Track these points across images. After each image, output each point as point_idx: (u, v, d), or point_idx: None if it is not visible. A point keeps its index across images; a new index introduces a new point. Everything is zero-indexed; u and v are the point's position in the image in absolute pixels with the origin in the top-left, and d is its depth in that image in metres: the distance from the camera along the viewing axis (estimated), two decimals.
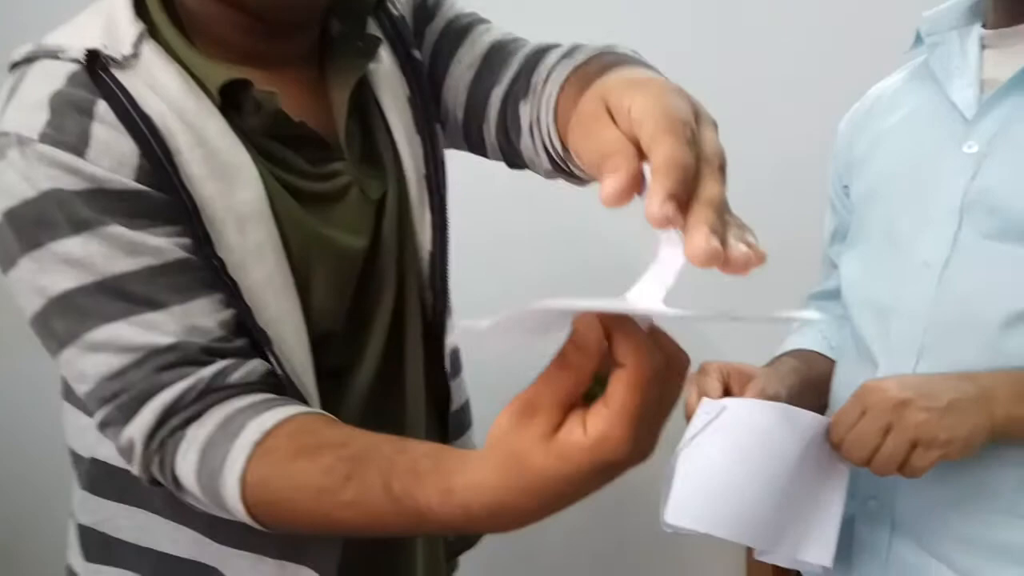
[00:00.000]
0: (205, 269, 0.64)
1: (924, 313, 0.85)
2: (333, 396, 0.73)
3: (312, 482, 0.57)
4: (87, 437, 0.73)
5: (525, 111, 0.74)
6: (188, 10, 0.68)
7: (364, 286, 0.75)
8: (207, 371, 0.62)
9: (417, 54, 0.80)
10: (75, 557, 0.78)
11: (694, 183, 0.40)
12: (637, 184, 0.40)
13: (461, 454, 0.51)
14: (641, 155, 0.41)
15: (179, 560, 0.72)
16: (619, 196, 0.39)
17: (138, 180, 0.62)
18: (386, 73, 0.77)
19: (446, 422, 0.85)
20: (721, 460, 0.81)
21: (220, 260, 0.64)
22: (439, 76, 0.81)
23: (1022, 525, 0.82)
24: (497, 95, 0.77)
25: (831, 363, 1.01)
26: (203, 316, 0.63)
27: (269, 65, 0.70)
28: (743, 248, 0.38)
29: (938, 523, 0.86)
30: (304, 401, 0.68)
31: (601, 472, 0.44)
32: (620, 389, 0.42)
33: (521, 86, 0.75)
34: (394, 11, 0.79)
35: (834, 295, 1.04)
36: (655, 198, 0.38)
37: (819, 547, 0.81)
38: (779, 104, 1.52)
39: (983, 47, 0.89)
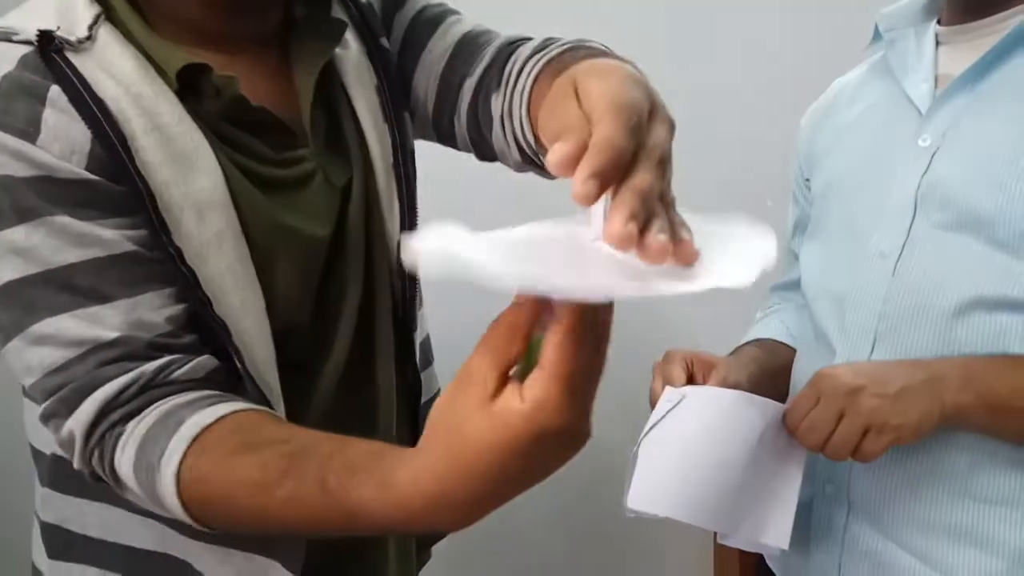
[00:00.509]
0: (156, 262, 0.63)
1: (879, 302, 0.87)
2: (302, 389, 0.72)
3: (249, 478, 0.55)
4: (47, 432, 0.71)
5: (496, 103, 0.74)
6: None
7: (330, 276, 0.74)
8: (149, 366, 0.61)
9: (385, 43, 0.79)
10: (39, 556, 0.77)
11: (629, 170, 0.40)
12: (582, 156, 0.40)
13: (402, 450, 0.50)
14: None
15: (148, 553, 0.71)
16: (563, 163, 0.39)
17: (90, 167, 0.60)
18: (353, 60, 0.76)
19: (417, 414, 0.85)
20: (681, 446, 0.83)
21: (177, 249, 0.63)
22: (409, 66, 0.80)
23: (974, 507, 0.84)
24: (469, 86, 0.77)
25: (792, 351, 1.03)
26: (150, 311, 0.62)
27: (230, 47, 0.68)
28: (661, 238, 0.38)
29: (892, 506, 0.88)
30: (264, 396, 0.67)
31: (540, 441, 0.43)
32: (552, 351, 0.42)
33: (493, 78, 0.74)
34: None
35: (796, 286, 1.06)
36: (580, 174, 0.38)
37: (776, 530, 0.83)
38: (744, 102, 1.53)
39: (938, 43, 0.91)
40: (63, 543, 0.74)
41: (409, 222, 0.78)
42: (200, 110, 0.65)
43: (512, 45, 0.76)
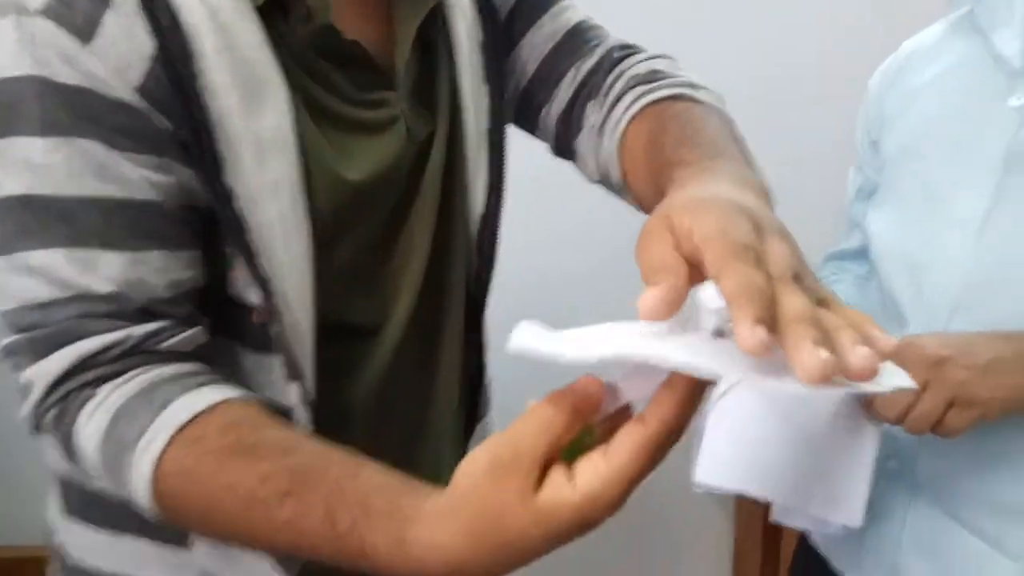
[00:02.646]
0: (176, 221, 0.57)
1: (960, 270, 0.83)
2: (359, 353, 0.68)
3: (244, 487, 0.51)
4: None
5: (592, 111, 0.71)
6: None
7: (396, 237, 0.69)
8: (138, 330, 0.55)
9: (497, 1, 0.74)
10: (54, 511, 0.70)
11: (773, 306, 0.37)
12: (678, 301, 0.38)
13: (418, 496, 0.47)
14: (694, 276, 0.40)
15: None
16: (656, 309, 0.38)
17: (144, 84, 0.53)
18: (463, 10, 0.70)
19: (478, 395, 0.80)
20: (750, 418, 0.78)
21: (228, 188, 0.56)
22: (514, 37, 0.75)
23: None
24: (569, 81, 0.73)
25: None
26: (152, 272, 0.56)
27: None
28: (863, 351, 0.35)
29: (960, 485, 0.85)
30: (296, 365, 0.61)
31: (580, 530, 0.42)
32: (630, 449, 0.40)
33: (596, 84, 0.72)
34: None
35: (854, 255, 1.02)
36: (742, 326, 0.35)
37: (848, 507, 0.79)
38: (802, 67, 1.51)
39: None
40: (80, 500, 0.67)
41: (495, 194, 0.72)
42: (285, 32, 0.59)
43: (622, 51, 0.73)
